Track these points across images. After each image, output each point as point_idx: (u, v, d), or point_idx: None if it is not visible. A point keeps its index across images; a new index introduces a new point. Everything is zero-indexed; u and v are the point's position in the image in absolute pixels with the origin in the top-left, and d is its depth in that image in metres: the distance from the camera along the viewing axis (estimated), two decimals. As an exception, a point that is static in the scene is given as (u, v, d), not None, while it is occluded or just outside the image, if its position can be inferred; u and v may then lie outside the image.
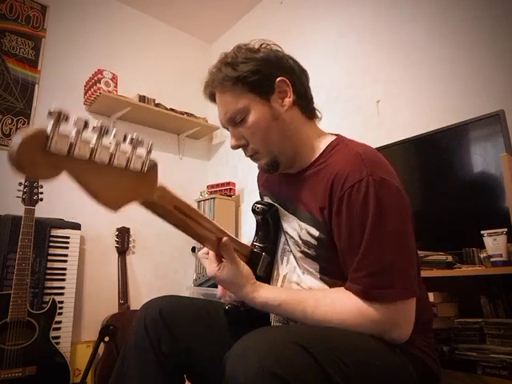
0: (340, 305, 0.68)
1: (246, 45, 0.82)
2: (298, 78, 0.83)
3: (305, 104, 0.84)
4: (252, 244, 0.86)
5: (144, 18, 2.85)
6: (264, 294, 0.72)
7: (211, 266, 0.73)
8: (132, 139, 0.49)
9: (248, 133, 0.80)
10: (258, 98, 0.79)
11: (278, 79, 0.79)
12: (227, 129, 0.85)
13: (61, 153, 0.42)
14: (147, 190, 0.55)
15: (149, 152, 0.53)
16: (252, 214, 0.89)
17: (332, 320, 0.67)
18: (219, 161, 2.94)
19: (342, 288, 0.70)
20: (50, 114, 0.41)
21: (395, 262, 0.67)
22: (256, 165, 0.88)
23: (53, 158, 0.42)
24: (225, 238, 0.71)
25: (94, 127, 0.45)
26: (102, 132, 0.45)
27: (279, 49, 0.84)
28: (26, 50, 2.24)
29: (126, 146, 0.49)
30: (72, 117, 0.43)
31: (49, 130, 0.41)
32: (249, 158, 0.85)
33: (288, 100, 0.80)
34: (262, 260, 0.83)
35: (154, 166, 0.55)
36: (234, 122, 0.80)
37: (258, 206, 0.87)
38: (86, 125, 0.43)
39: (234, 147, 0.83)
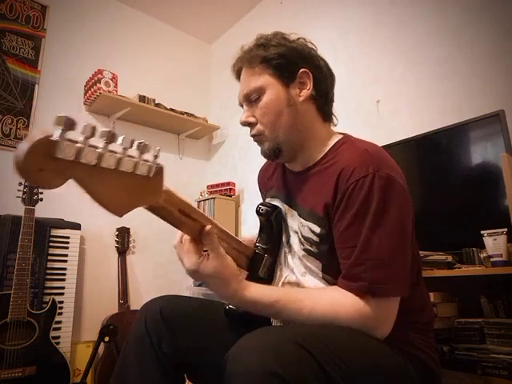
0: (338, 305, 0.67)
1: (283, 33, 0.85)
2: (323, 77, 0.84)
3: (323, 103, 0.85)
4: (254, 245, 0.85)
5: (144, 18, 2.85)
6: (253, 292, 0.67)
7: (191, 258, 0.65)
8: (139, 144, 0.49)
9: (259, 112, 0.81)
10: (277, 81, 0.81)
11: (301, 70, 0.81)
12: (242, 107, 0.86)
13: (68, 158, 0.42)
14: (153, 195, 0.55)
15: (156, 157, 0.53)
16: (254, 215, 0.89)
17: (330, 320, 0.66)
18: (219, 161, 2.94)
19: (338, 287, 0.69)
20: (58, 120, 0.41)
21: (393, 258, 0.67)
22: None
23: (60, 165, 0.42)
24: (208, 226, 0.65)
25: (101, 133, 0.44)
26: (110, 137, 0.45)
27: (314, 48, 0.87)
28: (26, 50, 2.23)
29: (133, 151, 0.49)
30: (79, 123, 0.43)
31: (56, 136, 0.41)
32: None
33: (306, 92, 0.82)
34: (264, 261, 0.82)
35: (160, 171, 0.54)
36: (249, 99, 0.83)
37: (262, 207, 0.87)
38: (93, 131, 0.43)
39: (243, 123, 0.84)
